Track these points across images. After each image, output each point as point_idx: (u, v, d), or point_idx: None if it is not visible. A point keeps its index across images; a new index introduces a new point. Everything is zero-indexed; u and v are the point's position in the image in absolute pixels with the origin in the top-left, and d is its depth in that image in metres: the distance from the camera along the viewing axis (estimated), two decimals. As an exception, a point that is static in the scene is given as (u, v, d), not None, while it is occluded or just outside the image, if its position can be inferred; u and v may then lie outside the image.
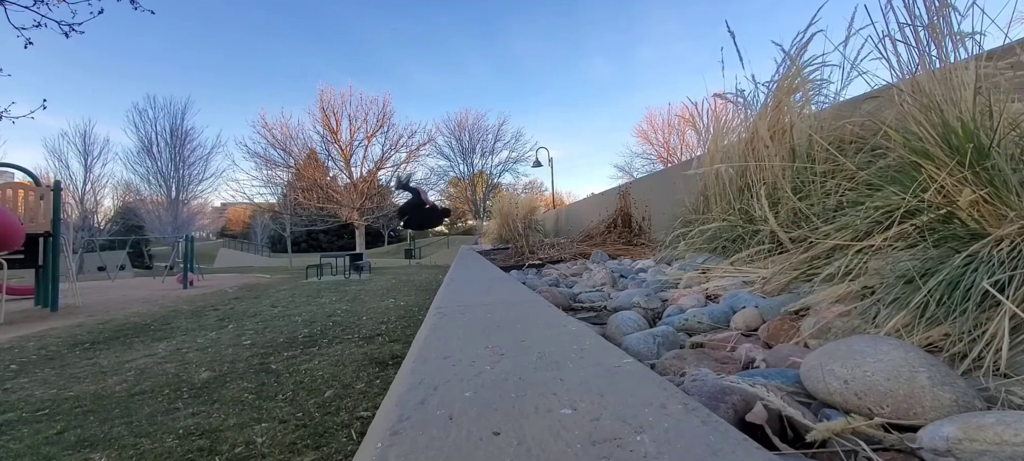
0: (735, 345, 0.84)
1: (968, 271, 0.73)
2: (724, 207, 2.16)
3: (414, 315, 4.71)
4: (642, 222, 4.25)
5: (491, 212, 10.61)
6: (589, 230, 4.90)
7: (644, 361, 0.78)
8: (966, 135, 0.93)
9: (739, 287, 1.29)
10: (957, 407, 0.49)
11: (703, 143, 2.73)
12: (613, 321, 1.07)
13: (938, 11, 1.14)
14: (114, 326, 4.76)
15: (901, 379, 0.51)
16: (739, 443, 0.36)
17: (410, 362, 0.66)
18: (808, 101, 2.03)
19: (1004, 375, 0.59)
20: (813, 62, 2.00)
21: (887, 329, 0.75)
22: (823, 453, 0.47)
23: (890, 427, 0.48)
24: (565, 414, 0.42)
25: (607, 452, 0.35)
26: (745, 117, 2.32)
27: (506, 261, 3.88)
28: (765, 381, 0.59)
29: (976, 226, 0.83)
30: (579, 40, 54.13)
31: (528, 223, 5.77)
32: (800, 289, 1.13)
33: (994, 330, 0.63)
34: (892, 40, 1.28)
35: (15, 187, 6.90)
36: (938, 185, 0.93)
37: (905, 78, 1.26)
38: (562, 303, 1.45)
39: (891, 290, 0.83)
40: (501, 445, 0.37)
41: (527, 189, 27.83)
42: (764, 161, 1.90)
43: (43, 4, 5.00)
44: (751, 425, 0.48)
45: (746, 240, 1.80)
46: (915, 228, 0.96)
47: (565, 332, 0.76)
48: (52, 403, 2.07)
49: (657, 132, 29.36)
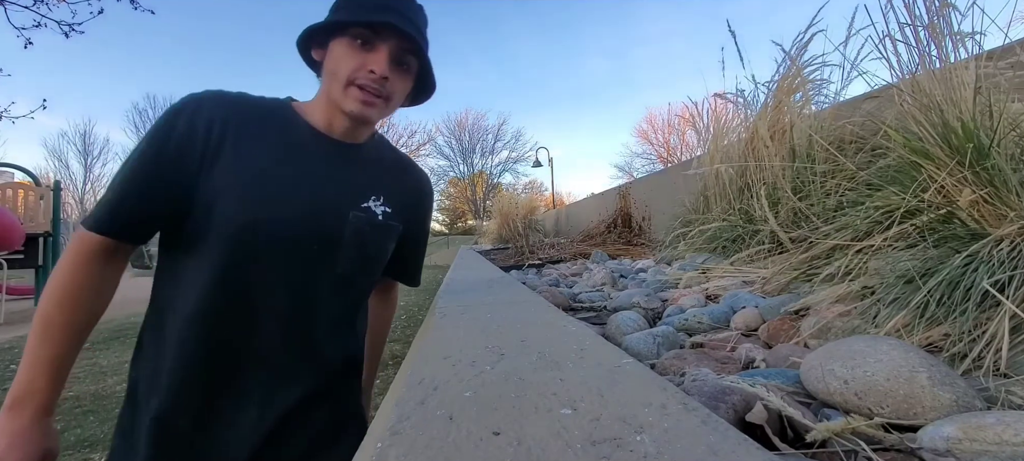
0: (735, 345, 0.84)
1: (968, 271, 0.73)
2: (724, 207, 2.16)
3: (414, 315, 4.71)
4: (642, 222, 4.25)
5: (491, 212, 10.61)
6: (589, 230, 4.90)
7: (644, 361, 0.78)
8: (966, 135, 0.93)
9: (739, 287, 1.29)
10: (957, 407, 0.49)
11: (703, 143, 2.73)
12: (613, 321, 1.07)
13: (938, 11, 1.14)
14: (114, 326, 4.76)
15: (901, 379, 0.51)
16: (739, 443, 0.36)
17: (410, 362, 0.66)
18: (808, 101, 2.03)
19: (1004, 375, 0.59)
20: (813, 62, 2.00)
21: (887, 329, 0.75)
22: (823, 453, 0.47)
23: (890, 427, 0.48)
24: (565, 414, 0.42)
25: (607, 452, 0.35)
26: (745, 117, 2.32)
27: (506, 261, 3.88)
28: (765, 381, 0.59)
29: (976, 226, 0.83)
30: (579, 39, 54.16)
31: (528, 223, 5.78)
32: (800, 289, 1.13)
33: (994, 330, 0.63)
34: (892, 40, 1.28)
35: (15, 187, 6.89)
36: (938, 185, 0.93)
37: (905, 78, 1.26)
38: (562, 303, 1.45)
39: (891, 290, 0.83)
40: (501, 445, 0.37)
41: (527, 189, 27.87)
42: (764, 161, 1.90)
43: (43, 4, 5.00)
44: (751, 425, 0.48)
45: (746, 240, 1.80)
46: (915, 228, 0.96)
47: (565, 332, 0.76)
48: (52, 403, 2.07)
49: (657, 132, 29.41)
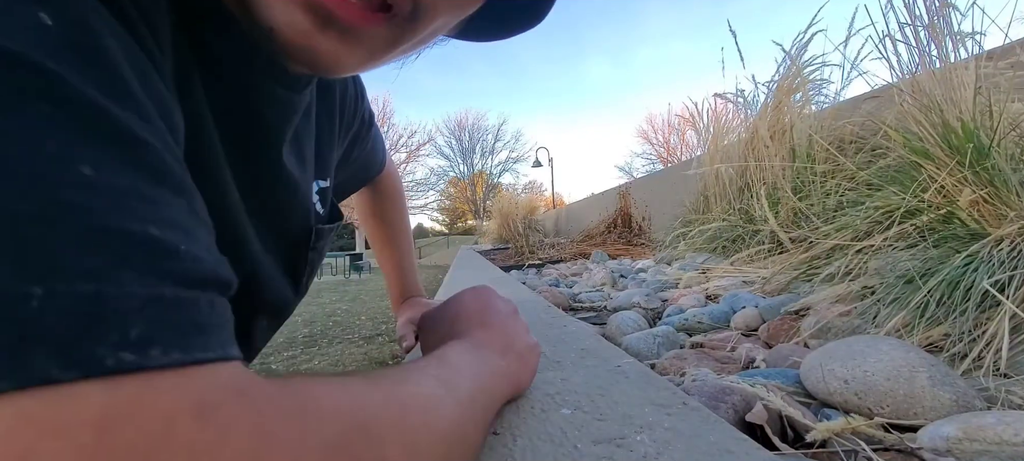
0: (735, 345, 0.84)
1: (968, 271, 0.73)
2: (724, 207, 2.16)
3: (414, 315, 4.71)
4: (642, 222, 4.25)
5: (491, 212, 10.62)
6: (589, 230, 4.90)
7: (644, 361, 0.78)
8: (966, 135, 0.93)
9: (739, 287, 1.29)
10: (957, 407, 0.49)
11: (703, 143, 2.73)
12: (613, 321, 1.07)
13: (938, 11, 1.14)
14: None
15: (901, 379, 0.51)
16: (739, 443, 0.36)
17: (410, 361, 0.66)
18: (808, 101, 2.03)
19: (1004, 375, 0.59)
20: (813, 62, 2.00)
21: (887, 329, 0.75)
22: (823, 453, 0.47)
23: (890, 427, 0.48)
24: (565, 414, 0.42)
25: (608, 452, 0.35)
26: (745, 117, 2.32)
27: (506, 261, 3.88)
28: (765, 381, 0.59)
29: (976, 226, 0.83)
30: (579, 40, 54.16)
31: (528, 223, 5.78)
32: (800, 289, 1.13)
33: (994, 330, 0.63)
34: (892, 40, 1.28)
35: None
36: (938, 185, 0.93)
37: (905, 78, 1.26)
38: (562, 303, 1.45)
39: (891, 290, 0.83)
40: (501, 444, 0.37)
41: (527, 189, 27.89)
42: (764, 161, 1.90)
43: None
44: (751, 425, 0.48)
45: (746, 240, 1.80)
46: (915, 228, 0.96)
47: (565, 332, 0.76)
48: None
49: (657, 132, 29.43)
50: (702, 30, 47.97)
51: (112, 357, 0.14)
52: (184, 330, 0.16)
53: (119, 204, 0.16)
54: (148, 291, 0.16)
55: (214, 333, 0.18)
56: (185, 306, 0.17)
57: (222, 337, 0.18)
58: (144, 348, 0.15)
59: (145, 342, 0.15)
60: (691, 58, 49.60)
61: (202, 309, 0.18)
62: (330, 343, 2.95)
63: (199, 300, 0.18)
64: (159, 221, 0.17)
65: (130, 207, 0.16)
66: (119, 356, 0.14)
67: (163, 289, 0.16)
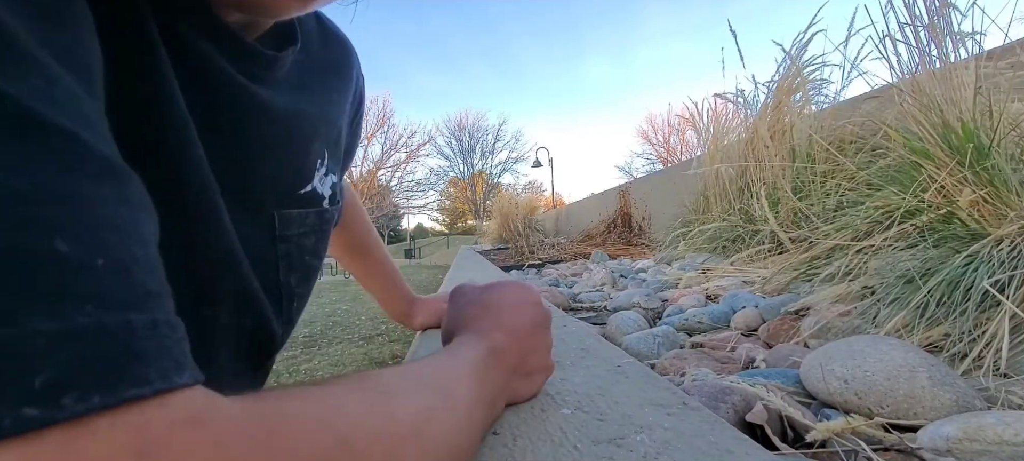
0: (735, 345, 0.84)
1: (968, 271, 0.73)
2: (724, 207, 2.16)
3: (414, 315, 4.70)
4: (642, 222, 4.25)
5: (491, 212, 10.62)
6: (589, 230, 4.90)
7: (644, 361, 0.78)
8: (966, 135, 0.93)
9: (739, 287, 1.29)
10: (957, 407, 0.49)
11: (703, 143, 2.73)
12: (613, 321, 1.07)
13: (938, 11, 1.14)
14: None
15: (901, 379, 0.51)
16: (739, 443, 0.36)
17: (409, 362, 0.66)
18: (808, 101, 2.03)
19: (1004, 375, 0.59)
20: (813, 62, 2.00)
21: (887, 329, 0.75)
22: (823, 453, 0.47)
23: (890, 427, 0.48)
24: (565, 413, 0.42)
25: (608, 452, 0.35)
26: (745, 117, 2.32)
27: (506, 261, 3.88)
28: (765, 381, 0.59)
29: (976, 226, 0.83)
30: (580, 40, 54.17)
31: (528, 223, 5.78)
32: (800, 289, 1.13)
33: (994, 330, 0.63)
34: (892, 40, 1.28)
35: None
36: (938, 185, 0.93)
37: (905, 78, 1.26)
38: (562, 303, 1.45)
39: (891, 290, 0.83)
40: (501, 444, 0.37)
41: (527, 189, 27.90)
42: (764, 161, 1.90)
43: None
44: (751, 425, 0.48)
45: (746, 240, 1.80)
46: (915, 228, 0.96)
47: (565, 331, 0.76)
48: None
49: (657, 132, 29.44)
50: (702, 30, 48.00)
51: (9, 417, 0.12)
52: (111, 364, 0.13)
53: (11, 216, 0.13)
54: (56, 325, 0.13)
55: (155, 359, 0.15)
56: (110, 335, 0.14)
57: (167, 363, 0.15)
58: (53, 398, 0.12)
59: (54, 390, 0.12)
60: (691, 58, 49.63)
61: (137, 332, 0.14)
62: (330, 343, 2.95)
63: (132, 322, 0.14)
64: (69, 230, 0.14)
65: (28, 216, 0.13)
66: (18, 414, 0.12)
67: (77, 319, 0.13)
